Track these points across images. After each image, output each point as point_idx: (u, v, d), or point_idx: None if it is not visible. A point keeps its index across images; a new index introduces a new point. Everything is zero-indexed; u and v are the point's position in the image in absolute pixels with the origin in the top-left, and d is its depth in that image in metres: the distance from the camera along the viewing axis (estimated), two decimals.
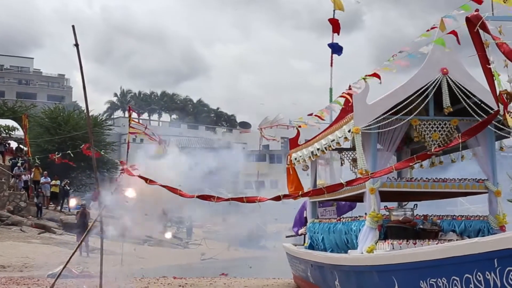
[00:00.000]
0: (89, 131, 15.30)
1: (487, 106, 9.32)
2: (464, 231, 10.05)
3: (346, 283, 10.33)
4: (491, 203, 10.06)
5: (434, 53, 9.73)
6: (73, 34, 13.52)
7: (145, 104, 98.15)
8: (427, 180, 9.98)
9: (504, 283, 6.28)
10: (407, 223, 9.72)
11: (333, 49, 16.00)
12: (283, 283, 15.61)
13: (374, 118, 9.66)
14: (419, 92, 9.73)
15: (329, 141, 10.82)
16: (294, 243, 15.24)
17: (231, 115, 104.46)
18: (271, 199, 10.00)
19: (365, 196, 9.81)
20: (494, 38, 6.80)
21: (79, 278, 16.41)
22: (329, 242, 11.65)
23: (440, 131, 9.91)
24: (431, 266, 7.38)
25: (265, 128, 20.31)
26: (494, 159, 10.07)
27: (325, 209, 13.64)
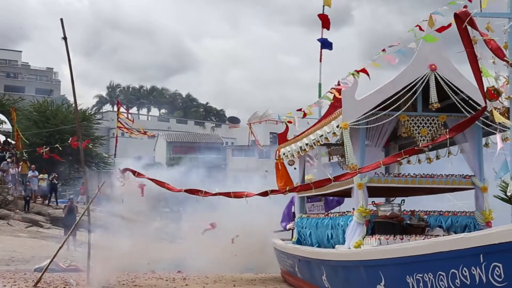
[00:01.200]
0: (77, 124, 15.27)
1: (475, 103, 9.37)
2: (450, 227, 10.11)
3: (333, 278, 10.36)
4: (477, 199, 10.12)
5: (423, 49, 9.77)
6: (62, 27, 13.49)
7: (134, 98, 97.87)
8: (414, 175, 10.02)
9: (489, 278, 6.32)
10: (395, 218, 9.76)
11: (322, 45, 16.01)
12: (271, 278, 15.63)
13: (362, 114, 9.69)
14: (407, 88, 9.78)
15: (318, 136, 10.84)
16: (282, 238, 15.27)
17: (220, 110, 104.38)
18: (259, 194, 10.02)
19: (353, 191, 9.84)
20: (482, 35, 6.84)
21: (66, 272, 16.37)
22: (317, 237, 11.68)
23: (428, 127, 9.95)
24: (418, 262, 7.42)
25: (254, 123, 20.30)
26: (481, 155, 10.12)
27: (313, 204, 13.65)
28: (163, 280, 14.96)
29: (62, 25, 13.43)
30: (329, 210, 13.29)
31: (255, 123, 20.17)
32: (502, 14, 7.24)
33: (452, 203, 24.69)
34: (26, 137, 33.45)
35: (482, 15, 7.16)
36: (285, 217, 15.34)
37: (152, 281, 14.75)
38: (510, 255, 5.99)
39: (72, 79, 13.93)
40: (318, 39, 16.03)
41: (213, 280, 14.82)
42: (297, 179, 13.85)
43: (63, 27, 13.42)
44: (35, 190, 32.36)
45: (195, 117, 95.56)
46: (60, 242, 15.52)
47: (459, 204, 22.60)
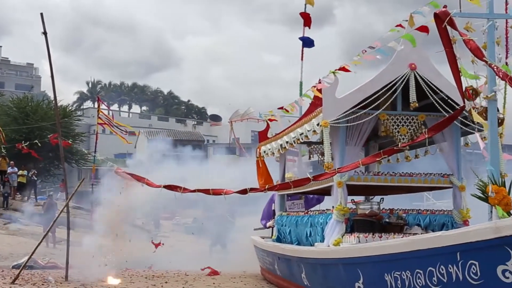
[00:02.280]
0: (57, 121, 15.14)
1: (454, 102, 9.44)
2: (428, 225, 10.19)
3: (313, 275, 10.40)
4: (455, 198, 10.21)
5: (403, 49, 9.81)
6: (42, 22, 13.38)
7: (115, 95, 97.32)
8: (393, 174, 10.09)
9: (465, 276, 6.38)
10: (374, 216, 9.82)
11: (304, 43, 16.04)
12: (250, 276, 15.63)
13: (343, 112, 9.72)
14: (387, 87, 9.83)
15: (298, 134, 10.86)
16: (262, 235, 15.29)
17: (202, 108, 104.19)
18: (238, 192, 10.01)
19: (333, 189, 9.87)
20: (461, 35, 6.89)
21: (45, 269, 16.26)
22: (296, 235, 11.71)
23: (407, 125, 10.01)
24: (396, 259, 7.47)
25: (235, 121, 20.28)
26: (459, 154, 10.22)
27: (293, 202, 13.70)
28: (142, 277, 14.91)
29: (42, 20, 13.33)
30: (309, 208, 13.34)
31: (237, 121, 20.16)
32: (481, 14, 7.30)
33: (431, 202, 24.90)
34: (5, 133, 33.10)
35: (462, 15, 7.20)
36: (265, 215, 15.36)
37: (131, 278, 14.70)
38: (486, 253, 6.05)
39: (52, 75, 13.82)
40: (299, 37, 16.07)
41: (192, 278, 14.79)
42: (278, 177, 13.89)
43: (43, 22, 13.32)
44: (14, 186, 32.03)
45: (177, 114, 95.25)
46: (39, 239, 15.39)
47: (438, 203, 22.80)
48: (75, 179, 45.48)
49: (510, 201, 6.40)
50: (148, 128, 73.58)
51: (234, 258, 17.93)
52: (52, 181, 48.23)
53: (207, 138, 72.79)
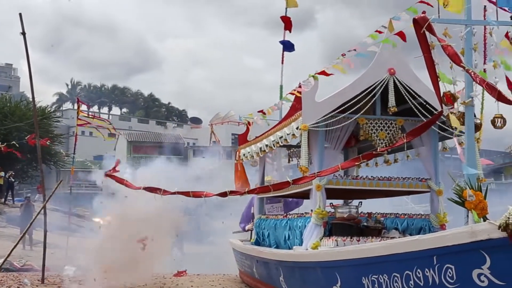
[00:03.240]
0: (35, 121, 15.02)
1: (432, 107, 9.52)
2: (406, 229, 10.25)
3: (291, 279, 10.41)
4: (432, 202, 10.28)
5: (382, 54, 9.89)
6: (20, 22, 13.27)
7: (95, 97, 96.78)
8: (372, 178, 10.13)
9: (442, 280, 6.43)
10: (352, 220, 9.86)
11: (284, 46, 16.09)
12: (229, 279, 15.61)
13: (322, 116, 9.74)
14: (366, 91, 9.88)
15: (277, 138, 10.87)
16: (241, 239, 15.28)
17: (182, 110, 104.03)
18: (217, 195, 9.98)
19: (311, 193, 9.89)
20: (439, 40, 6.95)
21: (21, 271, 16.11)
22: (275, 238, 11.72)
23: (386, 130, 10.06)
24: (373, 263, 7.50)
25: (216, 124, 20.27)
26: (437, 159, 10.30)
27: (272, 206, 13.69)
28: None
29: (21, 20, 13.22)
30: (288, 211, 13.35)
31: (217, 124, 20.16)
32: (459, 20, 7.38)
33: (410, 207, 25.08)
34: None
35: (440, 21, 7.26)
36: (244, 218, 15.34)
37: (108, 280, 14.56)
38: (462, 257, 6.10)
39: (31, 75, 13.72)
40: (280, 41, 16.13)
41: (170, 281, 14.72)
42: (257, 180, 13.89)
43: (22, 22, 13.21)
44: None
45: (157, 117, 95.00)
46: (16, 241, 15.23)
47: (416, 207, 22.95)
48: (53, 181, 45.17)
49: (486, 206, 6.47)
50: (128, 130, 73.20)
51: (212, 261, 17.91)
52: (30, 183, 47.82)
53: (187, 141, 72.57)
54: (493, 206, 7.16)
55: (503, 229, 5.49)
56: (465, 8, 7.32)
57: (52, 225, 17.44)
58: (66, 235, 21.13)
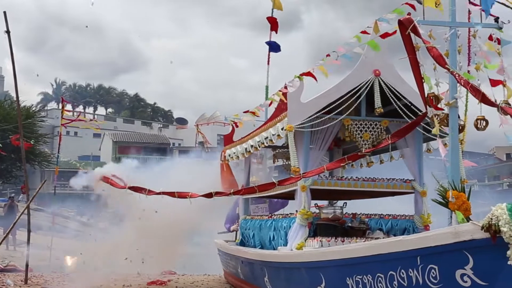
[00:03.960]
0: (19, 121, 14.92)
1: (417, 108, 9.57)
2: (390, 230, 10.29)
3: (275, 279, 10.42)
4: (417, 203, 10.32)
5: (367, 55, 9.92)
6: (5, 21, 13.18)
7: (80, 97, 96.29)
8: (356, 179, 10.16)
9: (425, 280, 6.47)
10: (336, 221, 9.89)
11: (270, 47, 16.10)
12: (214, 280, 15.59)
13: (307, 117, 9.76)
14: (352, 92, 9.90)
15: (263, 138, 10.87)
16: (226, 239, 15.26)
17: (168, 111, 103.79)
18: (203, 196, 9.99)
19: (296, 193, 9.90)
20: (424, 42, 6.99)
21: (4, 272, 15.98)
22: (260, 239, 11.72)
23: (371, 131, 10.10)
24: (357, 263, 7.54)
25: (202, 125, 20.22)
26: (421, 160, 10.34)
27: (257, 206, 13.69)
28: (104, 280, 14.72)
29: (5, 18, 13.14)
30: (274, 212, 13.35)
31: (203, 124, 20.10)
32: (444, 22, 7.43)
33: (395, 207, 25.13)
34: None
35: (425, 23, 7.31)
36: (229, 219, 15.31)
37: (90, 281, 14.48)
38: (445, 257, 6.14)
39: (15, 74, 13.63)
40: (266, 41, 16.13)
41: None
42: (242, 181, 13.87)
43: (6, 20, 13.13)
44: None
45: (142, 117, 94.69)
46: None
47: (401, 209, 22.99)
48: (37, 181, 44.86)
49: (470, 207, 6.51)
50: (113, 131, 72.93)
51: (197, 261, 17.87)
52: (14, 183, 47.46)
53: (172, 141, 72.42)
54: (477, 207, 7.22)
55: (486, 229, 5.53)
56: (449, 10, 7.38)
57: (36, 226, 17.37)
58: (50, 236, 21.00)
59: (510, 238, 5.33)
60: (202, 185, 12.00)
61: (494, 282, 5.77)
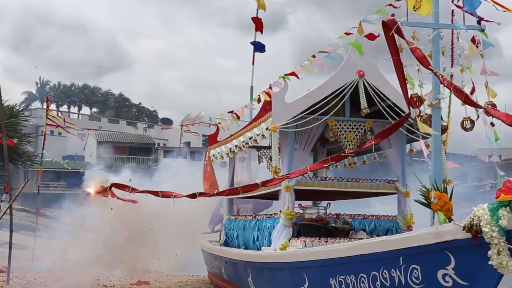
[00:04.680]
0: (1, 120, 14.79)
1: (400, 109, 9.60)
2: (374, 230, 10.33)
3: (259, 279, 10.41)
4: (400, 204, 10.37)
5: (352, 56, 9.94)
6: None
7: (65, 96, 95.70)
8: (340, 179, 10.18)
9: (408, 280, 6.50)
10: (320, 221, 9.89)
11: (255, 47, 16.12)
12: (197, 280, 15.57)
13: (292, 117, 9.76)
14: (336, 93, 9.93)
15: (247, 138, 10.86)
16: (210, 239, 15.25)
17: (153, 111, 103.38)
18: (187, 196, 9.96)
19: (280, 194, 9.90)
20: (408, 43, 7.01)
21: None
22: (244, 239, 11.71)
23: (355, 132, 10.13)
24: (340, 264, 7.55)
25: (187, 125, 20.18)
26: (404, 161, 10.39)
27: (242, 206, 13.69)
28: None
29: None
30: (258, 212, 13.36)
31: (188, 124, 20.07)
32: (427, 24, 7.46)
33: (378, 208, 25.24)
34: None
35: (409, 24, 7.34)
36: (213, 219, 15.30)
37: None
38: (427, 257, 6.17)
39: None
40: (251, 42, 16.14)
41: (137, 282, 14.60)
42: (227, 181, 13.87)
43: None
44: None
45: (127, 117, 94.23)
46: None
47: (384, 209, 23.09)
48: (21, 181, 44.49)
49: (452, 207, 6.54)
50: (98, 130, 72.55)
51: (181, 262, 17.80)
52: None
53: (157, 142, 72.17)
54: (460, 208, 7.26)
55: (468, 230, 5.57)
56: (433, 12, 7.41)
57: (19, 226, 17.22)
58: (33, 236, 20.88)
59: (491, 238, 5.36)
60: None
61: (475, 282, 5.81)
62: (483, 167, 49.48)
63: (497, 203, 5.44)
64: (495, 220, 5.35)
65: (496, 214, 5.37)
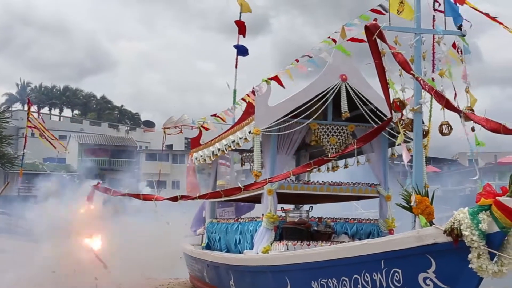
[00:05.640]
0: None
1: (382, 114, 9.66)
2: (356, 234, 10.38)
3: (241, 283, 10.41)
4: (381, 207, 10.43)
5: (334, 60, 9.98)
6: None
7: (46, 98, 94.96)
8: (322, 183, 10.20)
9: (389, 283, 6.53)
10: (302, 224, 9.92)
11: (238, 51, 16.13)
12: (179, 283, 15.51)
13: (274, 120, 9.77)
14: (319, 97, 9.96)
15: (230, 142, 10.86)
16: (192, 243, 15.20)
17: (135, 113, 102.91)
18: (168, 199, 9.94)
19: (263, 197, 9.91)
20: (390, 48, 7.06)
21: None
22: (226, 242, 11.70)
23: (337, 135, 10.17)
24: (322, 267, 7.57)
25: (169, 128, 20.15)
26: (386, 165, 10.44)
27: (224, 210, 13.67)
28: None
29: None
30: (240, 215, 13.35)
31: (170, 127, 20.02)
32: (409, 29, 7.52)
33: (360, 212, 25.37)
34: None
35: (391, 28, 7.39)
36: (195, 222, 15.27)
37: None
38: (409, 261, 6.21)
39: None
40: (234, 45, 16.15)
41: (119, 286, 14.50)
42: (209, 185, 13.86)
43: None
44: None
45: (109, 119, 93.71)
46: None
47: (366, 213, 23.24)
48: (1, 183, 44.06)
49: (433, 211, 6.59)
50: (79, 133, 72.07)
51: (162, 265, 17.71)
52: None
53: (139, 144, 71.88)
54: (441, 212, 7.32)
55: (448, 233, 5.61)
56: (415, 17, 7.47)
57: None
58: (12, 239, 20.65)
59: (471, 242, 5.41)
60: None
61: (456, 285, 5.85)
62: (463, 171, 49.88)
63: (477, 207, 5.49)
64: (475, 224, 5.40)
65: (476, 218, 5.42)
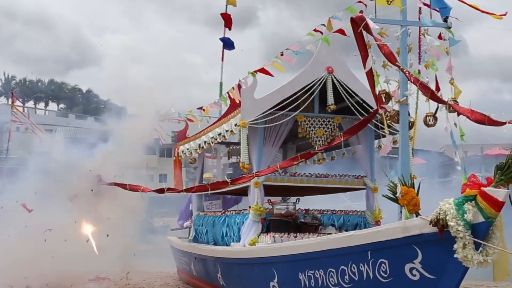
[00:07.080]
0: None
1: (368, 106, 9.68)
2: (342, 225, 10.41)
3: (228, 275, 10.42)
4: (368, 199, 10.46)
5: (321, 52, 9.98)
6: None
7: (31, 92, 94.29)
8: (309, 175, 10.21)
9: (376, 274, 6.57)
10: (289, 216, 9.93)
11: (224, 44, 16.08)
12: (166, 276, 15.51)
13: (261, 113, 9.75)
14: (305, 89, 9.95)
15: (216, 134, 10.84)
16: (179, 236, 15.20)
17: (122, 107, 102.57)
18: (155, 191, 9.93)
19: (249, 189, 9.90)
20: (376, 40, 7.08)
21: None
22: (213, 235, 11.69)
23: (324, 128, 10.18)
24: (309, 259, 7.60)
25: None
26: (372, 157, 10.47)
27: (211, 203, 13.64)
28: None
29: None
30: (227, 208, 13.35)
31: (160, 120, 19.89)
32: (395, 21, 7.54)
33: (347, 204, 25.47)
34: None
35: (377, 21, 7.39)
36: (182, 215, 15.25)
37: None
38: (395, 251, 6.25)
39: None
40: (220, 38, 16.10)
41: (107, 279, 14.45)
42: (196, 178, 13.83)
43: None
44: None
45: (96, 113, 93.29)
46: None
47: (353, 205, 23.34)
48: None
49: (419, 202, 6.62)
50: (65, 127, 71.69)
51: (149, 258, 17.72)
52: None
53: None
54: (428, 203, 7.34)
55: (434, 224, 5.65)
56: (401, 9, 7.49)
57: None
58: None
59: (457, 232, 5.45)
60: None
61: (442, 275, 5.90)
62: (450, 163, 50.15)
63: (462, 198, 5.53)
64: (460, 214, 5.44)
65: (462, 208, 5.46)
